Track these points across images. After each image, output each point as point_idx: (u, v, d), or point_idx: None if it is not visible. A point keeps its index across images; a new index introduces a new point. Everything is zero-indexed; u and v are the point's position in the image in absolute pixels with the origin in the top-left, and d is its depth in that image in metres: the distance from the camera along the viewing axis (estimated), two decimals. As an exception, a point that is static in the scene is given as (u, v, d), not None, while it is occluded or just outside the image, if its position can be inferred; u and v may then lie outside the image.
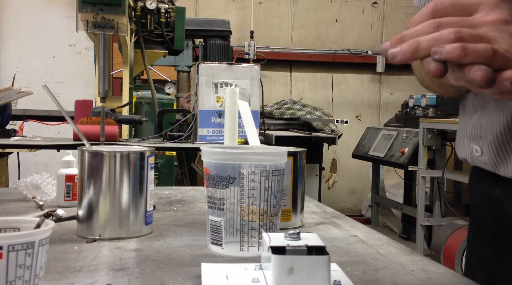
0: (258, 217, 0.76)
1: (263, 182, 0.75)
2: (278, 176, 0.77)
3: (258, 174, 0.75)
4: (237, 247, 0.76)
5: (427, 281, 0.68)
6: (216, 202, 0.77)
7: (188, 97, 3.72)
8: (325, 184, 5.46)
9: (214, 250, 0.78)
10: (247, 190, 0.75)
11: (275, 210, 0.78)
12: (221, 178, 0.76)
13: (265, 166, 0.75)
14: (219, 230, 0.77)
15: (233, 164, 0.75)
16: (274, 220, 0.78)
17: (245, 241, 0.76)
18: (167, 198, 1.29)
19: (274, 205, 0.78)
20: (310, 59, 5.44)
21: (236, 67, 2.09)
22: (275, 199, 0.77)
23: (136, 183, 0.86)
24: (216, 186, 0.76)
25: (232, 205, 0.76)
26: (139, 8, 2.60)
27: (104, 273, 0.68)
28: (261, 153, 0.78)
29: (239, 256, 0.75)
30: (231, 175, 0.75)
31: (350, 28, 5.58)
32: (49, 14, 5.02)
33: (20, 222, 0.57)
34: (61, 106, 0.89)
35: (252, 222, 0.76)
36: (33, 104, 3.67)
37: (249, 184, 0.75)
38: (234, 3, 5.36)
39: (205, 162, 0.78)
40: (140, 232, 0.88)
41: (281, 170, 0.78)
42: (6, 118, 2.42)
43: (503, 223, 0.72)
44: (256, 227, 0.76)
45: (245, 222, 0.76)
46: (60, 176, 1.12)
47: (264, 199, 0.76)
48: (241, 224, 0.76)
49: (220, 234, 0.77)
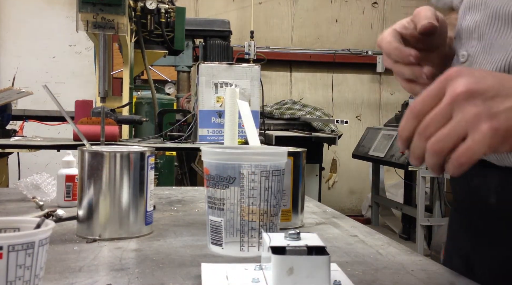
0: (258, 217, 0.76)
1: (263, 182, 0.75)
2: (278, 176, 0.77)
3: (258, 174, 0.75)
4: (237, 247, 0.76)
5: (427, 281, 0.68)
6: (216, 202, 0.77)
7: (188, 97, 3.72)
8: (325, 184, 5.46)
9: (214, 250, 0.78)
10: (247, 190, 0.75)
11: (275, 210, 0.78)
12: (221, 178, 0.76)
13: (265, 166, 0.75)
14: (219, 230, 0.77)
15: (233, 164, 0.75)
16: (274, 220, 0.78)
17: (245, 241, 0.76)
18: (167, 198, 1.29)
19: (274, 205, 0.78)
20: (310, 59, 5.44)
21: (236, 67, 2.09)
22: (275, 199, 0.77)
23: (136, 183, 0.86)
24: (216, 186, 0.76)
25: (232, 205, 0.76)
26: (139, 8, 2.60)
27: (104, 273, 0.68)
28: (261, 153, 0.78)
29: (239, 256, 0.75)
30: (231, 175, 0.75)
31: (350, 28, 5.58)
32: (49, 14, 5.02)
33: (20, 222, 0.57)
34: (61, 106, 0.90)
35: (252, 222, 0.76)
36: (33, 104, 3.67)
37: (249, 184, 0.75)
38: (234, 3, 5.36)
39: (205, 162, 0.78)
40: (140, 232, 0.88)
41: (281, 170, 0.78)
42: (6, 119, 2.42)
43: (480, 209, 0.77)
44: (256, 227, 0.76)
45: (245, 222, 0.76)
46: (60, 176, 1.12)
47: (264, 199, 0.76)
48: (241, 224, 0.76)
49: (220, 234, 0.77)
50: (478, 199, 0.77)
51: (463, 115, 0.51)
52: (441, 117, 0.53)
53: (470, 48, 0.73)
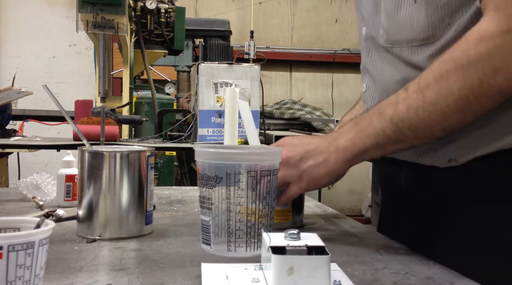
0: (246, 217, 0.76)
1: (250, 183, 0.75)
2: (268, 177, 0.77)
3: (244, 174, 0.75)
4: (225, 247, 0.76)
5: (427, 281, 0.68)
6: (205, 202, 0.77)
7: (188, 97, 3.71)
8: (325, 184, 5.45)
9: (204, 249, 0.78)
10: (234, 190, 0.75)
11: (265, 211, 0.77)
12: (208, 177, 0.76)
13: (252, 166, 0.75)
14: (208, 230, 0.77)
15: (218, 163, 0.75)
16: (264, 221, 0.77)
17: (232, 241, 0.76)
18: (167, 198, 1.29)
19: (264, 206, 0.77)
20: (310, 59, 5.43)
21: (236, 67, 2.09)
22: (264, 200, 0.77)
23: (136, 183, 0.86)
24: (205, 186, 0.76)
25: (219, 205, 0.75)
26: (139, 8, 2.60)
27: (104, 273, 0.68)
28: (249, 153, 0.78)
29: (226, 256, 0.75)
30: (218, 175, 0.75)
31: (350, 28, 5.58)
32: (49, 14, 5.02)
33: (20, 222, 0.57)
34: (61, 106, 0.89)
35: (239, 223, 0.75)
36: (33, 104, 3.67)
37: (235, 184, 0.75)
38: (234, 3, 5.36)
39: (196, 161, 0.79)
40: (140, 232, 0.88)
41: (272, 171, 0.78)
42: (6, 118, 2.41)
43: (395, 193, 1.01)
44: (243, 227, 0.76)
45: (232, 222, 0.75)
46: (60, 176, 1.12)
47: (252, 200, 0.76)
48: (227, 225, 0.75)
49: (209, 234, 0.77)
50: (390, 183, 1.03)
51: (281, 175, 0.84)
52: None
53: (366, 81, 0.99)
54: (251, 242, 0.76)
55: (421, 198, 0.93)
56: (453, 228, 0.86)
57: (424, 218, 0.92)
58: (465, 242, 0.84)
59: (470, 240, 0.83)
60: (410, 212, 0.96)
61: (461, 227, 0.85)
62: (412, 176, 0.94)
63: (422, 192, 0.92)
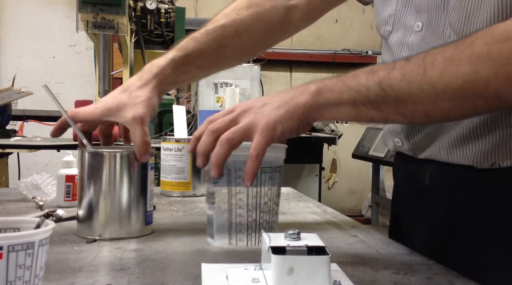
0: (246, 212, 0.78)
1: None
2: (270, 174, 0.78)
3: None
4: (226, 241, 0.80)
5: (427, 281, 0.68)
6: (209, 196, 0.81)
7: (188, 97, 3.71)
8: (325, 184, 5.46)
9: (209, 242, 0.82)
10: (235, 186, 0.77)
11: (266, 207, 0.79)
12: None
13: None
14: (212, 223, 0.81)
15: None
16: (266, 217, 0.80)
17: (233, 235, 0.79)
18: (167, 198, 1.29)
19: (265, 202, 0.79)
20: (310, 59, 5.44)
21: (236, 67, 2.09)
22: (265, 196, 0.79)
23: (136, 183, 0.86)
24: (209, 181, 0.80)
25: (221, 200, 0.78)
26: (139, 8, 2.60)
27: (104, 273, 0.68)
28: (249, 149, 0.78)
29: (229, 249, 0.79)
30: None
31: (350, 28, 5.58)
32: (49, 14, 5.02)
33: (20, 222, 0.57)
34: (61, 106, 0.89)
35: (239, 217, 0.78)
36: (33, 104, 3.66)
37: (235, 180, 0.77)
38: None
39: None
40: (140, 232, 0.88)
41: (274, 168, 0.79)
42: (6, 119, 2.42)
43: (417, 191, 0.93)
44: (244, 222, 0.79)
45: (233, 217, 0.78)
46: (60, 176, 1.12)
47: (253, 196, 0.77)
48: (228, 220, 0.78)
49: (212, 227, 0.81)
50: (415, 181, 0.93)
51: (247, 119, 0.74)
52: (229, 121, 0.74)
53: (419, 22, 0.88)
54: (252, 236, 0.79)
55: (451, 200, 0.86)
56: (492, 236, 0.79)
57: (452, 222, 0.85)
58: (504, 255, 0.76)
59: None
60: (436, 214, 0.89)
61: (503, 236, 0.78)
62: (441, 176, 0.88)
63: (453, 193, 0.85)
